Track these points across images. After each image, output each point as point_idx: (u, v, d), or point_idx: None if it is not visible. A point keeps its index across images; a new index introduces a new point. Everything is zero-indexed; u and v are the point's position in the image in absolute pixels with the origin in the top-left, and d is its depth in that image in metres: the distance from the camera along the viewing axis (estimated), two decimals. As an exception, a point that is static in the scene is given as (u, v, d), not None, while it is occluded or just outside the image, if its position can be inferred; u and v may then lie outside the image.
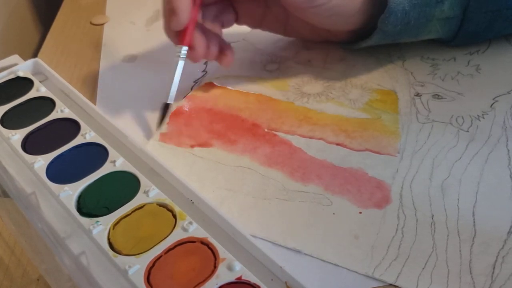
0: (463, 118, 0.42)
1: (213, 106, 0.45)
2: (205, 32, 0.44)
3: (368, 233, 0.35)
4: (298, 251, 0.34)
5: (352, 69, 0.49)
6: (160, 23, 0.59)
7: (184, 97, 0.46)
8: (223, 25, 0.47)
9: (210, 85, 0.48)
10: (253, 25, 0.49)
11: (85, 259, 0.27)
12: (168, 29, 0.43)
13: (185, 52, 0.43)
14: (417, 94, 0.45)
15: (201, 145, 0.42)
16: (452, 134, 0.41)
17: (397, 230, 0.35)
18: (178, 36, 0.43)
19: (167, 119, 0.44)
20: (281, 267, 0.27)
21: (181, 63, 0.44)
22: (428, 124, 0.42)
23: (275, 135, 0.42)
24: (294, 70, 0.49)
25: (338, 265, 0.33)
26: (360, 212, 0.36)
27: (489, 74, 0.47)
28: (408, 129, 0.42)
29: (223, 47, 0.46)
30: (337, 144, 0.41)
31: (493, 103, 0.43)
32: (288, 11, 0.47)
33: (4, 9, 0.65)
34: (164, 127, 0.43)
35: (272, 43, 0.52)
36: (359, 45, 0.48)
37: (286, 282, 0.27)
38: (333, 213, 0.36)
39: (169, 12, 0.41)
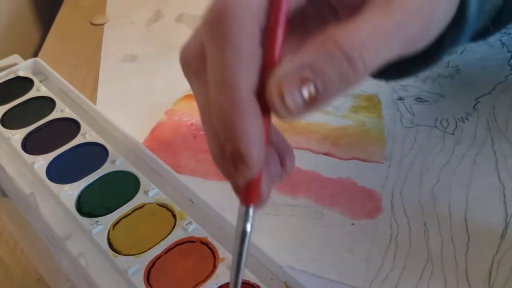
0: (447, 120, 0.42)
1: (195, 120, 0.44)
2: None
3: (362, 244, 0.34)
4: (292, 268, 0.33)
5: (333, 75, 0.48)
6: (159, 24, 0.59)
7: (165, 112, 0.45)
8: None
9: (190, 97, 0.47)
10: None
11: (83, 260, 0.27)
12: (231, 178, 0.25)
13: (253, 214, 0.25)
14: (400, 98, 0.45)
15: (184, 163, 0.40)
16: (438, 138, 0.41)
17: (390, 240, 0.34)
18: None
19: None
20: (280, 267, 0.28)
21: (247, 237, 0.25)
22: (413, 128, 0.42)
23: (260, 147, 0.41)
24: (275, 78, 0.48)
25: (334, 280, 0.32)
26: (353, 224, 0.35)
27: (469, 75, 0.47)
28: (394, 134, 0.41)
29: (281, 156, 0.26)
30: (324, 154, 0.40)
31: (476, 104, 0.44)
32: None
33: (5, 9, 0.64)
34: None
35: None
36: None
37: (285, 282, 0.27)
38: (325, 226, 0.35)
39: (234, 159, 0.23)
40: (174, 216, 0.30)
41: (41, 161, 0.33)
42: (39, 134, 0.37)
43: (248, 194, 0.25)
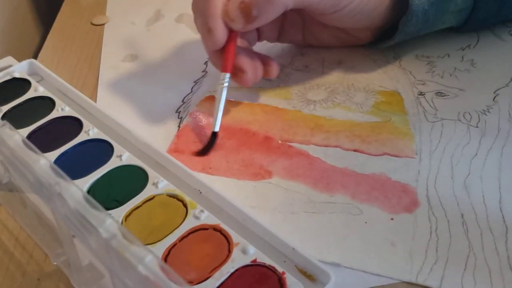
0: (470, 114, 0.43)
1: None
2: (250, 54, 0.44)
3: (403, 239, 0.34)
4: (338, 265, 0.33)
5: (351, 72, 0.48)
6: (160, 23, 0.59)
7: (189, 113, 0.45)
8: (250, 44, 0.46)
9: (211, 99, 0.47)
10: (272, 38, 0.49)
11: (116, 241, 0.26)
12: (210, 53, 0.42)
13: (228, 79, 0.41)
14: (421, 93, 0.45)
15: (215, 164, 0.40)
16: (463, 131, 0.41)
17: (431, 233, 0.35)
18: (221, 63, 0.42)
19: (212, 147, 0.41)
20: (293, 248, 0.28)
21: (224, 91, 0.41)
22: (438, 122, 0.42)
23: (290, 146, 0.41)
24: (294, 77, 0.49)
25: (380, 275, 0.33)
26: (392, 219, 0.36)
27: (484, 68, 0.48)
28: (420, 129, 0.42)
29: (265, 61, 0.45)
30: (355, 150, 0.40)
31: (495, 97, 0.44)
32: (306, 17, 0.47)
33: (5, 9, 0.63)
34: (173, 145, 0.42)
35: (266, 51, 0.51)
36: (381, 46, 0.49)
37: (296, 266, 0.28)
38: (365, 222, 0.36)
39: (206, 32, 0.40)
40: (185, 205, 0.31)
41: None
42: (42, 133, 0.37)
43: (224, 65, 0.41)
